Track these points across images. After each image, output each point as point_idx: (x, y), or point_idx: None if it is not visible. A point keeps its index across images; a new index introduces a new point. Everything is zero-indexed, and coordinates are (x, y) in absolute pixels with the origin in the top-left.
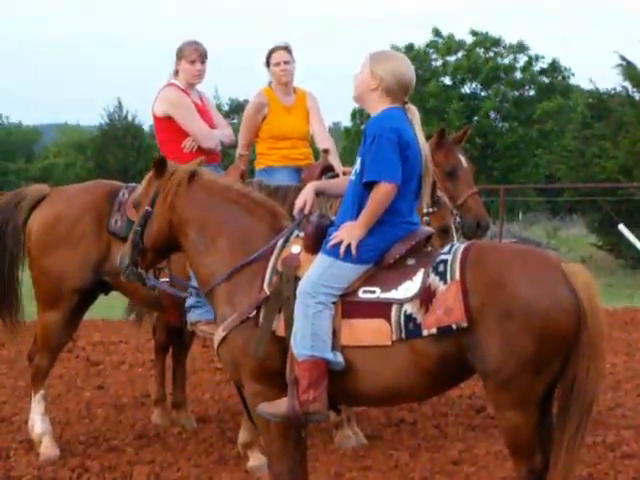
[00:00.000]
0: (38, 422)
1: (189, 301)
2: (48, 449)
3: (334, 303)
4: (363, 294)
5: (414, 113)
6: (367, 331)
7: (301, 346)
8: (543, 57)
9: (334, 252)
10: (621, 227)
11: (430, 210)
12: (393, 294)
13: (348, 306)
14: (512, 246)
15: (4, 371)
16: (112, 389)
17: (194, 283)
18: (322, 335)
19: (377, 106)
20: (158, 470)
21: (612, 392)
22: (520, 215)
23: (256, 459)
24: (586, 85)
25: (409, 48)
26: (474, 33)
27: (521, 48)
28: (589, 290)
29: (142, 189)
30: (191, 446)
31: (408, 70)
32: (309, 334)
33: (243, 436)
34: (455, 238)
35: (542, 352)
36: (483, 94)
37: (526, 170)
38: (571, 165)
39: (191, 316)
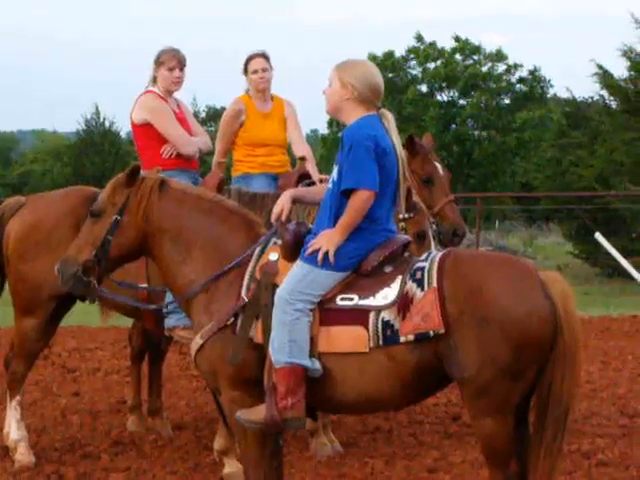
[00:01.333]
0: (14, 429)
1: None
2: (23, 456)
3: (312, 310)
4: (341, 301)
5: (389, 119)
6: (345, 338)
7: (279, 353)
8: (522, 65)
9: (312, 259)
10: (597, 236)
11: (407, 216)
12: (371, 301)
13: (326, 313)
14: (489, 254)
15: None
16: (88, 396)
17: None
18: (300, 342)
19: (352, 115)
20: (133, 477)
21: (588, 400)
22: (497, 223)
23: (232, 466)
24: (563, 94)
25: (388, 55)
26: (457, 39)
27: (500, 57)
28: (566, 298)
29: (104, 197)
30: (167, 453)
31: (376, 74)
32: (287, 341)
33: (219, 443)
34: (432, 243)
35: (518, 359)
36: (461, 102)
37: (503, 179)
38: (548, 174)
39: (169, 322)
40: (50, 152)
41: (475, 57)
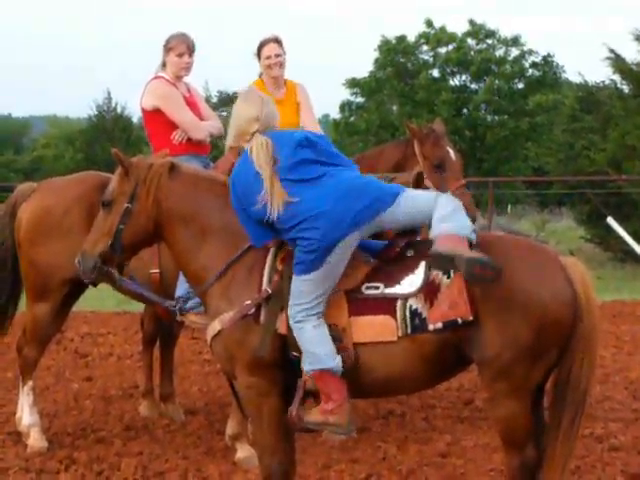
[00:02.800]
0: (26, 414)
1: (179, 291)
2: (36, 441)
3: (316, 314)
4: (367, 290)
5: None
6: (373, 328)
7: (303, 363)
8: (537, 52)
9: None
10: (609, 220)
11: None
12: (397, 289)
13: (353, 303)
14: (513, 238)
15: None
16: (100, 381)
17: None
18: (315, 349)
19: None
20: (146, 462)
21: (601, 385)
22: (509, 208)
23: (244, 451)
24: (575, 78)
25: (400, 40)
26: (472, 23)
27: (515, 42)
28: (586, 284)
29: (114, 186)
30: (179, 438)
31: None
32: (305, 351)
33: (231, 428)
34: None
35: (539, 342)
36: (473, 86)
37: (515, 163)
38: (560, 158)
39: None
40: (62, 138)
41: (489, 41)
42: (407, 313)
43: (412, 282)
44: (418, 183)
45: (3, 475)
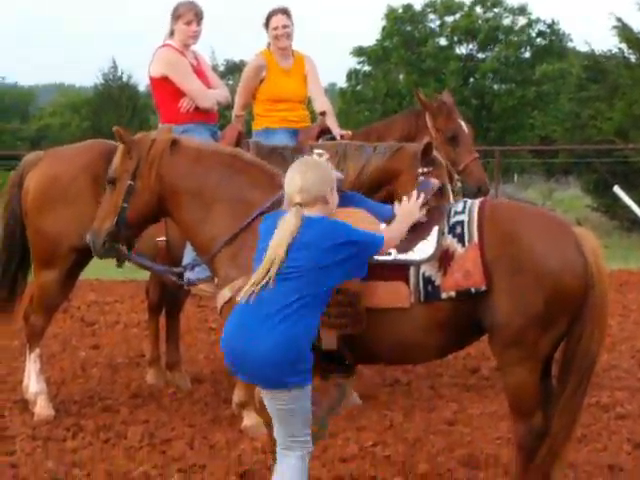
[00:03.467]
0: (33, 382)
1: (186, 259)
2: (43, 409)
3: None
4: (379, 256)
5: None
6: (386, 294)
7: None
8: (544, 21)
9: None
10: (616, 189)
11: (425, 170)
12: (410, 255)
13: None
14: (526, 207)
15: None
16: (107, 349)
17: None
18: None
19: None
20: (152, 429)
21: (607, 354)
22: (515, 177)
23: (250, 419)
24: (582, 47)
25: (407, 8)
26: None
27: (522, 11)
28: (597, 254)
29: (116, 164)
30: (185, 406)
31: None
32: None
33: (238, 396)
34: (451, 197)
35: (550, 310)
36: (480, 55)
37: (522, 132)
38: (567, 127)
39: (188, 275)
40: (68, 106)
41: (496, 10)
42: (420, 280)
43: (424, 249)
44: (427, 153)
45: (10, 443)
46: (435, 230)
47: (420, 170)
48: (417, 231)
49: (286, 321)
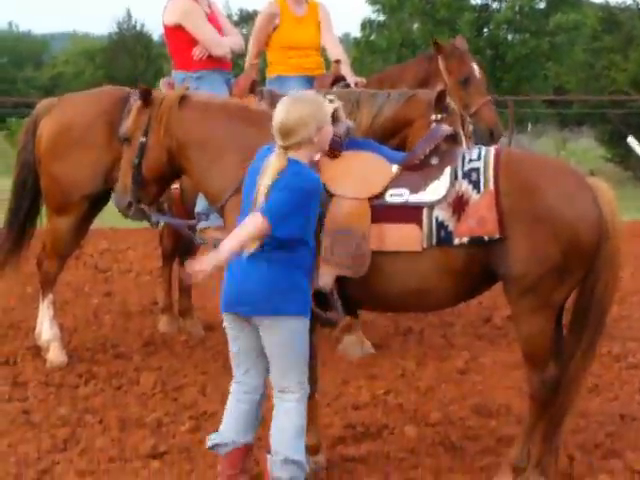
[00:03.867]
0: (46, 328)
1: (198, 207)
2: (56, 355)
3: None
4: (390, 197)
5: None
6: (398, 236)
7: None
8: None
9: None
10: (630, 140)
11: (439, 117)
12: (421, 196)
13: (377, 210)
14: (542, 157)
15: (12, 277)
16: (119, 296)
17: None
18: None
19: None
20: (164, 377)
21: (618, 305)
22: (529, 127)
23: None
24: None
25: None
26: None
27: None
28: (612, 206)
29: (130, 122)
30: (197, 353)
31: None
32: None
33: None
34: (464, 144)
35: (565, 260)
36: (494, 5)
37: (536, 82)
38: (581, 78)
39: (201, 223)
40: (82, 54)
41: None
42: (433, 224)
43: (436, 189)
44: (440, 101)
45: (23, 389)
46: (447, 171)
47: (433, 117)
48: (430, 173)
49: (269, 260)
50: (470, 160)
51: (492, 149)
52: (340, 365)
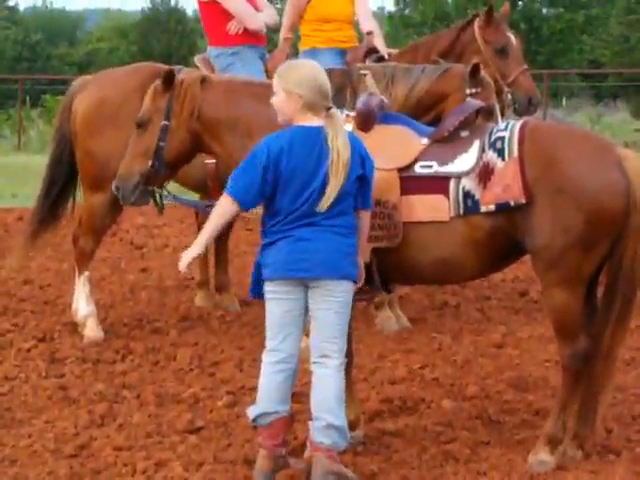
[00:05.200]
0: (82, 304)
1: None
2: (92, 331)
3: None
4: (420, 169)
5: (333, 120)
6: (425, 207)
7: None
8: None
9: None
10: None
11: (473, 91)
12: (450, 168)
13: (405, 181)
14: (568, 127)
15: (48, 254)
16: (156, 272)
17: None
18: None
19: (302, 122)
20: (201, 352)
21: None
22: (564, 101)
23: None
24: None
25: None
26: None
27: None
28: None
29: (147, 105)
30: (234, 328)
31: (319, 75)
32: None
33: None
34: (499, 118)
35: (591, 231)
36: None
37: (571, 55)
38: (615, 50)
39: None
40: (116, 31)
41: None
42: (460, 193)
43: (465, 161)
44: (474, 74)
45: (60, 365)
46: (476, 144)
47: (468, 91)
48: (459, 144)
49: (332, 226)
50: (497, 130)
51: (520, 121)
52: (376, 339)
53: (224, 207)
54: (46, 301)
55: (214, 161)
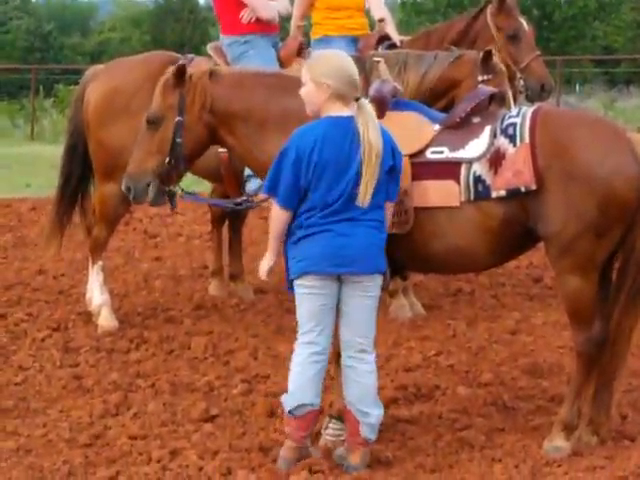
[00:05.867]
0: (97, 294)
1: (248, 171)
2: (106, 320)
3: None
4: (431, 154)
5: (363, 111)
6: (436, 192)
7: None
8: None
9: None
10: None
11: (485, 77)
12: (461, 153)
13: (417, 167)
14: (580, 113)
15: (62, 243)
16: (169, 261)
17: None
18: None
19: (332, 112)
20: (216, 341)
21: None
22: (577, 87)
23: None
24: None
25: None
26: None
27: None
28: None
29: (158, 102)
30: (249, 317)
31: (348, 65)
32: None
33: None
34: (512, 105)
35: (603, 217)
36: None
37: (583, 42)
38: (629, 36)
39: (250, 186)
40: (128, 20)
41: None
42: (471, 178)
43: (476, 146)
44: (487, 61)
45: (74, 355)
46: (487, 130)
47: (480, 78)
48: (470, 130)
49: (366, 221)
50: (509, 117)
51: (532, 107)
52: (391, 327)
53: (279, 217)
54: (60, 291)
55: (226, 150)
